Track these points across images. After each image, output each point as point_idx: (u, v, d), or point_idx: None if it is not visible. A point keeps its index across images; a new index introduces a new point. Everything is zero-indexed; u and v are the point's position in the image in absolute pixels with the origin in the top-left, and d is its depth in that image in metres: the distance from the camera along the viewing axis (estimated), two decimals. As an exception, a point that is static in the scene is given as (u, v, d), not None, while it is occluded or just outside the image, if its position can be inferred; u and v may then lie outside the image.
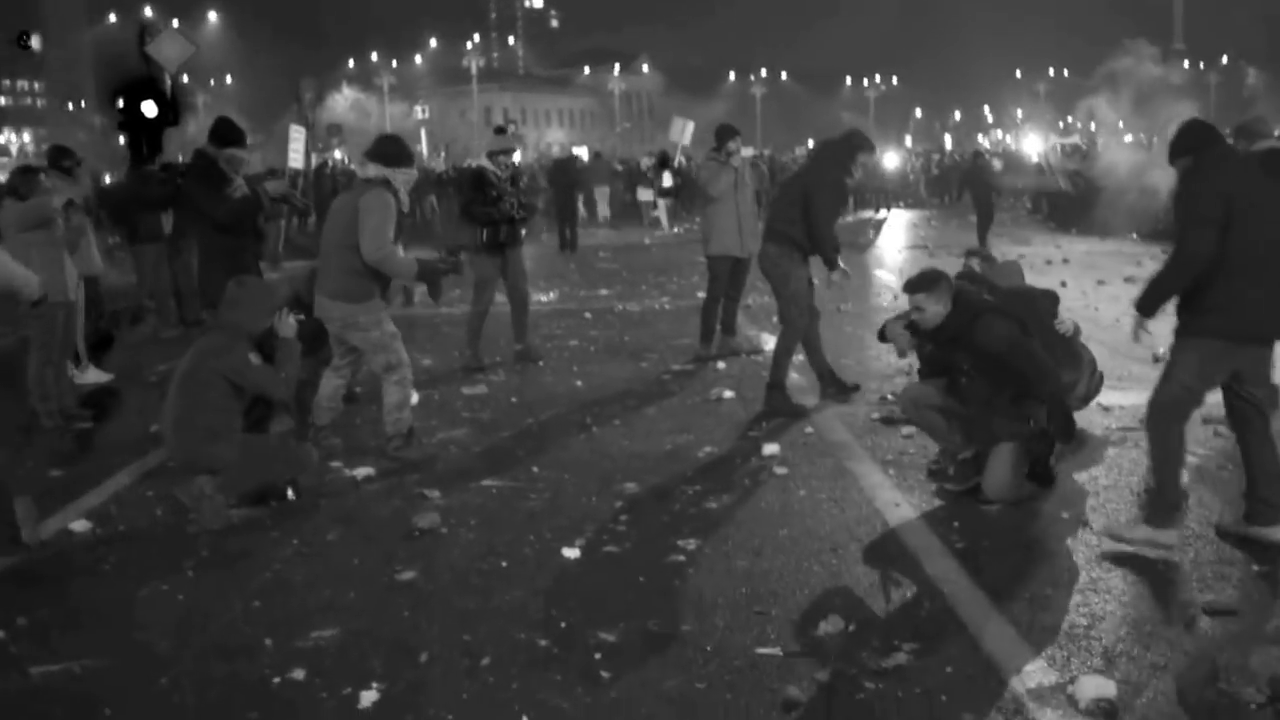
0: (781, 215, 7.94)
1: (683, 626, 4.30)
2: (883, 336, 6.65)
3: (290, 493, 5.92)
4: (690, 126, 25.37)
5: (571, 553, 5.13)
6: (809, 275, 7.93)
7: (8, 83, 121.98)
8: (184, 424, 5.60)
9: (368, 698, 3.82)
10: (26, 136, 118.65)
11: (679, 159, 26.67)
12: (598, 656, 4.07)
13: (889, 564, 4.92)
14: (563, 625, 4.36)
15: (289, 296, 6.71)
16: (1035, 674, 3.85)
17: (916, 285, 5.86)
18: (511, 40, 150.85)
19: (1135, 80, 23.10)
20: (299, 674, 4.00)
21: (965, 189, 20.80)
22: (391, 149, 6.67)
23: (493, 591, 4.71)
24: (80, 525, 5.70)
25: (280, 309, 5.93)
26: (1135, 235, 20.45)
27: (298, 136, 16.50)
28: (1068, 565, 4.86)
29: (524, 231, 9.93)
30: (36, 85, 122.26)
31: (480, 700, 3.80)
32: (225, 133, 7.54)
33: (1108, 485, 5.89)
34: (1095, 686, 3.68)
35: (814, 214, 7.75)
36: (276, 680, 3.97)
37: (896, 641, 4.12)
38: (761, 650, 4.07)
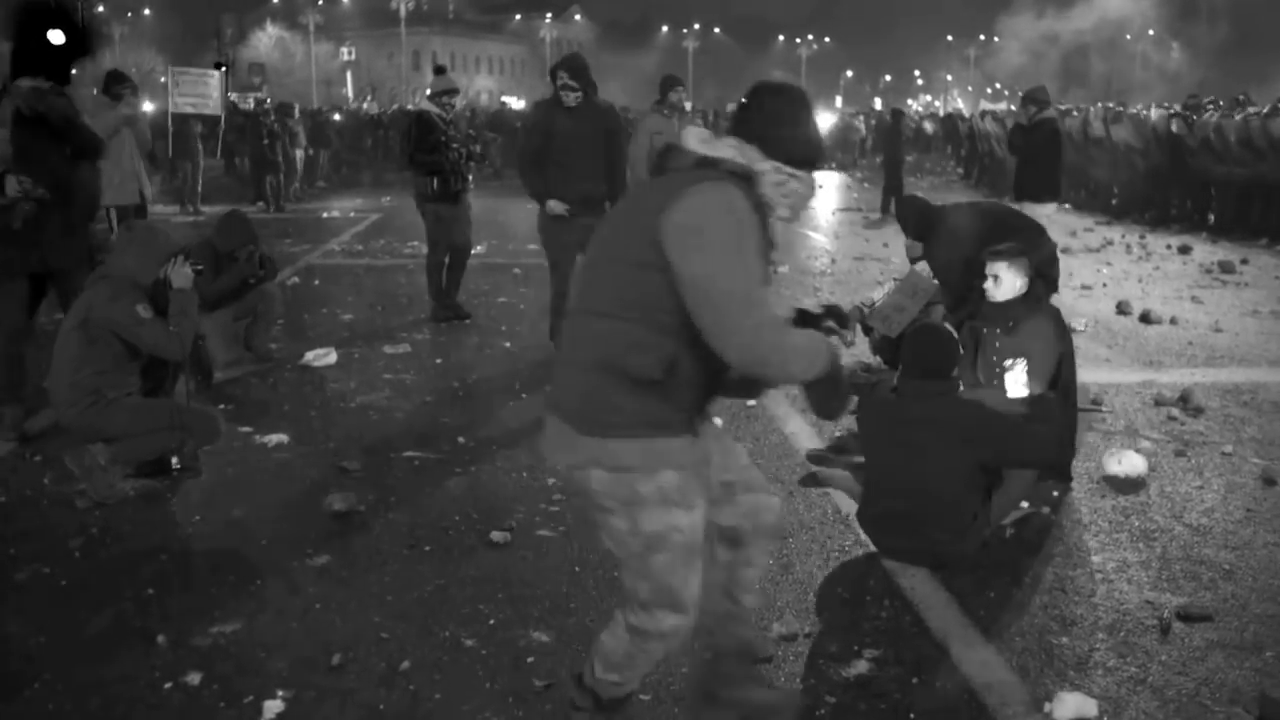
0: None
1: (624, 626, 3.92)
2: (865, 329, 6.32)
3: (184, 462, 5.41)
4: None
5: (500, 536, 4.71)
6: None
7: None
8: (71, 384, 5.07)
9: (271, 708, 3.38)
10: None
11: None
12: (530, 660, 3.69)
13: (844, 557, 4.59)
14: (491, 622, 3.96)
15: (185, 244, 6.08)
16: (1010, 687, 3.53)
17: (1001, 253, 5.28)
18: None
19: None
20: (194, 678, 3.55)
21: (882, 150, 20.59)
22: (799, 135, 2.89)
23: (414, 581, 4.29)
24: (-45, 495, 5.17)
25: (174, 256, 5.33)
26: (1068, 205, 20.40)
27: (211, 80, 14.67)
28: (1031, 562, 4.56)
29: (471, 179, 9.41)
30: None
31: (399, 714, 3.39)
32: None
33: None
34: (1075, 705, 3.39)
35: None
36: (168, 685, 3.52)
37: (857, 647, 3.79)
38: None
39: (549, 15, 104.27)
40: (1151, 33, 75.47)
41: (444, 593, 4.20)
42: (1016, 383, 5.13)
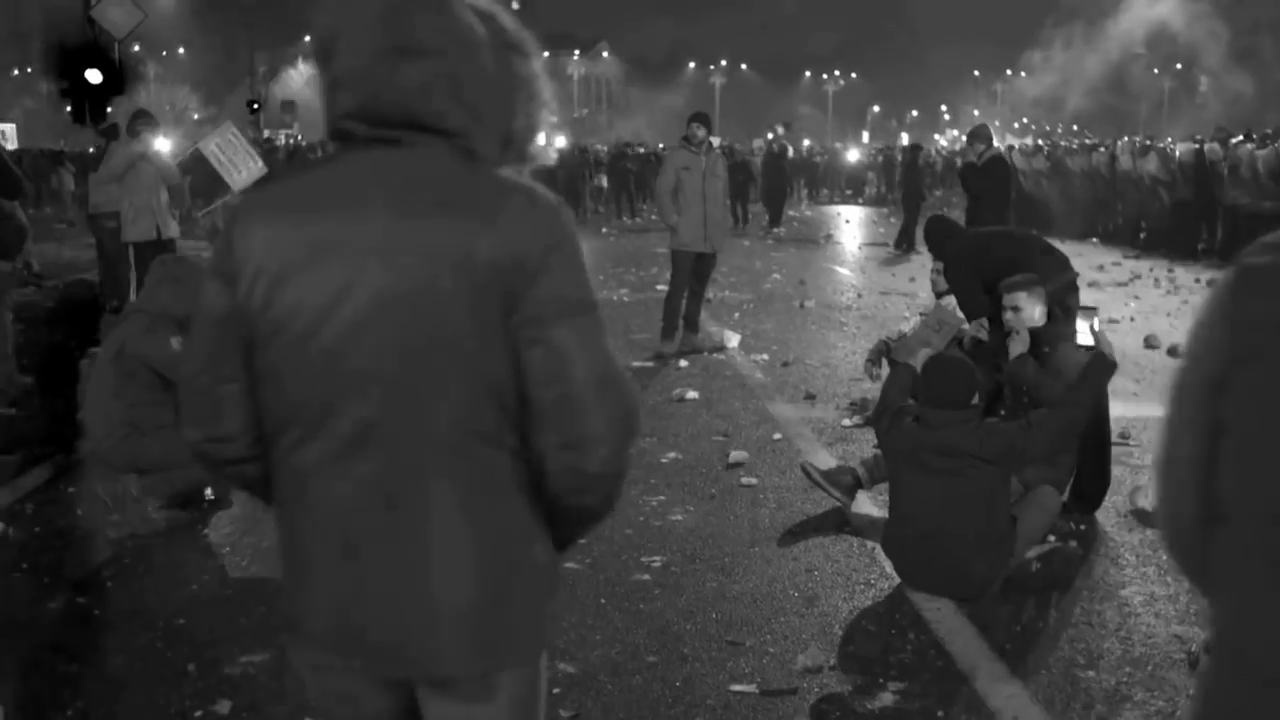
0: None
1: (648, 658, 3.94)
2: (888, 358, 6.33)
3: (217, 494, 5.47)
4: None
5: (527, 568, 4.74)
6: None
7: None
8: (105, 416, 5.15)
9: (299, 737, 3.42)
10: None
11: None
12: (555, 691, 3.71)
13: (868, 589, 4.59)
14: (517, 653, 3.98)
15: None
16: (1035, 722, 3.53)
17: (1018, 284, 5.36)
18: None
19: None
20: (223, 706, 3.59)
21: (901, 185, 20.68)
22: None
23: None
24: (-9, 525, 5.25)
25: None
26: (1096, 239, 20.37)
27: (253, 164, 12.02)
28: (1058, 595, 4.55)
29: None
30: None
31: (425, 742, 3.41)
32: None
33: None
34: (1102, 740, 3.38)
35: None
36: (198, 714, 3.56)
37: (882, 679, 3.80)
38: (735, 688, 3.73)
39: (576, 52, 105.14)
40: (1179, 66, 75.36)
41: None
42: (1084, 331, 5.23)
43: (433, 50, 1.69)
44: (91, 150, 11.20)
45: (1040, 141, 33.67)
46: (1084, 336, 5.25)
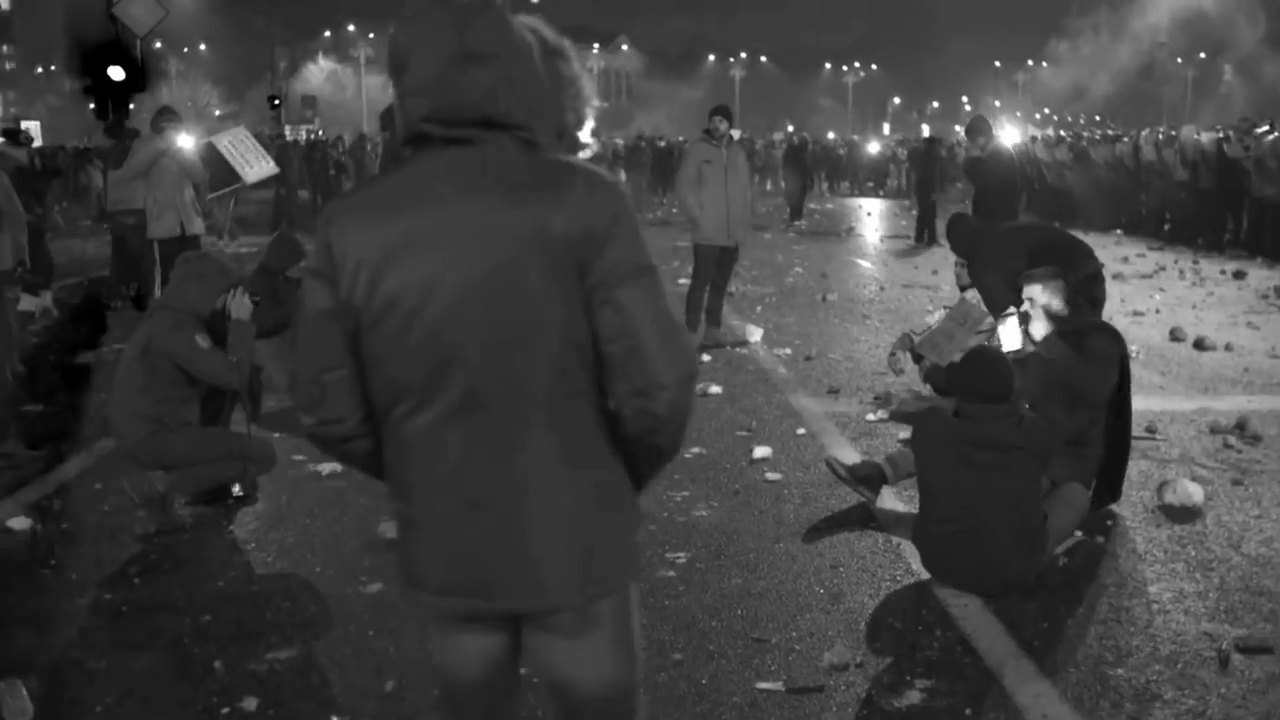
0: None
1: (673, 655, 3.93)
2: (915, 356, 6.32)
3: (243, 490, 5.49)
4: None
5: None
6: None
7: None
8: (132, 413, 5.16)
9: (326, 734, 3.43)
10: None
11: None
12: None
13: (894, 585, 4.57)
14: (543, 650, 3.98)
15: (242, 275, 6.21)
16: (1065, 719, 3.51)
17: (1036, 276, 5.32)
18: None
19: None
20: (250, 703, 3.60)
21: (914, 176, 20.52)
22: None
23: (466, 608, 4.32)
24: (19, 523, 5.26)
25: (233, 288, 5.44)
26: (1120, 231, 20.22)
27: (264, 164, 11.44)
28: (1086, 591, 4.52)
29: None
30: (6, 48, 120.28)
31: (452, 739, 3.42)
32: None
33: (1118, 500, 5.56)
34: (1132, 737, 3.35)
35: None
36: (225, 710, 3.57)
37: (909, 677, 3.77)
38: (761, 685, 3.71)
39: (596, 45, 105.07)
40: (1203, 55, 74.76)
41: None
42: (1010, 333, 5.35)
43: (494, 56, 1.92)
44: (92, 146, 11.13)
45: (1063, 132, 33.45)
46: (1010, 340, 5.32)
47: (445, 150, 1.94)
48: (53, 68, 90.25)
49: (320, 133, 45.45)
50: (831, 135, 45.47)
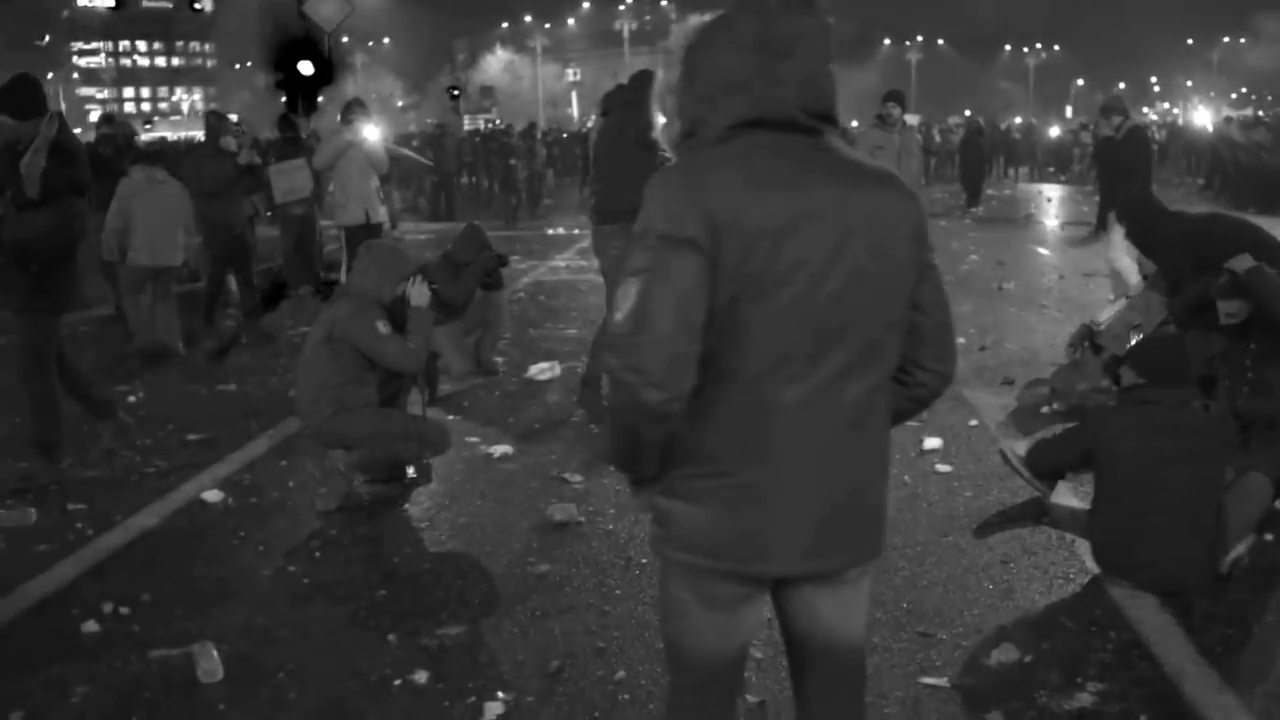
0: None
1: (837, 646, 3.89)
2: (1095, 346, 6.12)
3: (418, 471, 5.67)
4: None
5: (715, 551, 4.75)
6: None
7: (180, 44, 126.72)
8: (314, 395, 5.39)
9: (492, 709, 3.51)
10: (197, 95, 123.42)
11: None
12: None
13: (1067, 584, 4.43)
14: (705, 636, 4.00)
15: (423, 262, 6.40)
16: (1248, 731, 3.34)
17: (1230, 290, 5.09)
18: (664, 3, 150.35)
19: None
20: (421, 677, 3.72)
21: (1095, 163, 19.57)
22: None
23: (630, 593, 4.37)
24: (213, 495, 5.57)
25: (413, 276, 5.62)
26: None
27: (302, 172, 11.63)
28: (1273, 597, 4.29)
29: None
30: (207, 46, 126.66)
31: (614, 720, 3.47)
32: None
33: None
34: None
35: None
36: (397, 682, 3.70)
37: (1079, 679, 3.65)
38: (926, 680, 3.65)
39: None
40: None
41: (659, 606, 4.26)
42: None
43: (831, 61, 2.11)
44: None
45: (1261, 113, 31.69)
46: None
47: (805, 137, 2.08)
48: (249, 64, 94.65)
49: (498, 121, 46.45)
50: (1019, 120, 43.89)
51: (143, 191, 8.96)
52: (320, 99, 18.26)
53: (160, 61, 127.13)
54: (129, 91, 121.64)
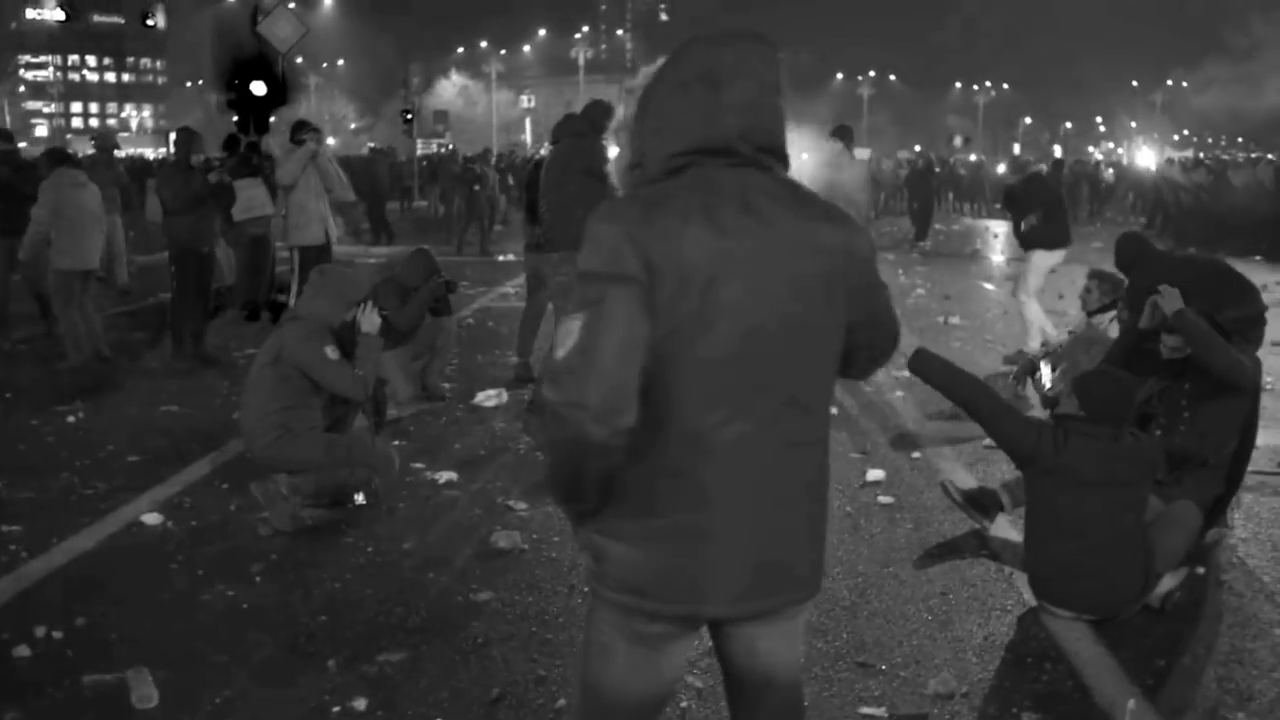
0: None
1: (777, 675, 3.92)
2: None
3: (364, 497, 5.65)
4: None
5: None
6: None
7: (131, 60, 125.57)
8: (259, 418, 5.36)
9: (432, 737, 3.51)
10: (147, 112, 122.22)
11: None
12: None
13: (1004, 615, 4.49)
14: (646, 664, 4.00)
15: (373, 288, 6.38)
16: (1177, 762, 3.40)
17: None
18: (620, 32, 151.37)
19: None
20: (360, 704, 3.70)
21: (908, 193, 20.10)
22: None
23: (573, 621, 4.37)
24: (152, 518, 5.51)
25: (363, 302, 5.62)
26: (1260, 257, 19.47)
27: (260, 190, 11.92)
28: (1204, 630, 4.38)
29: None
30: (158, 63, 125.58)
31: (553, 748, 3.47)
32: None
33: (1245, 537, 5.37)
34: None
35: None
36: (336, 709, 3.68)
37: (1015, 709, 3.71)
38: (865, 710, 3.68)
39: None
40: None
41: (581, 648, 4.26)
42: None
43: (781, 91, 2.11)
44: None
45: (1202, 155, 32.40)
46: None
47: (745, 170, 2.07)
48: (200, 82, 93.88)
49: (450, 146, 46.36)
50: (973, 157, 44.38)
51: (66, 193, 8.90)
52: (273, 119, 18.09)
53: (110, 77, 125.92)
54: (77, 106, 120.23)
